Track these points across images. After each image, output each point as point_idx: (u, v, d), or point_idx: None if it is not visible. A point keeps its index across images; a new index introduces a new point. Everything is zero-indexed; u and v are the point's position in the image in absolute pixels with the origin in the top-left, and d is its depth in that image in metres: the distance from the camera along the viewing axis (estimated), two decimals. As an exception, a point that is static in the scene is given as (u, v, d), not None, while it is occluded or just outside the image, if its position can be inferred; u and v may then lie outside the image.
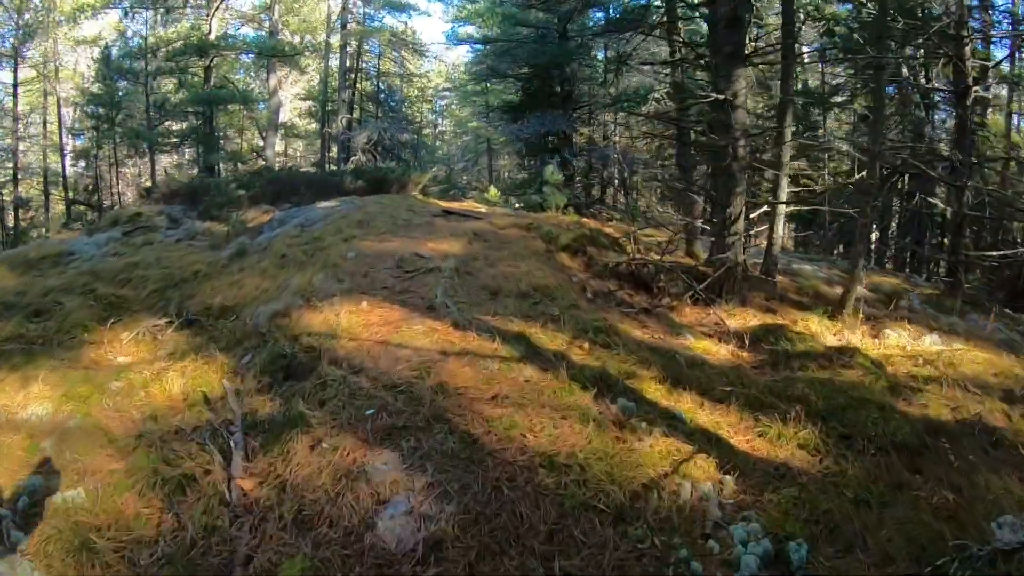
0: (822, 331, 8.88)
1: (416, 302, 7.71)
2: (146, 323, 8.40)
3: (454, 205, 16.73)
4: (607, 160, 29.26)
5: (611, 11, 28.15)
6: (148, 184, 25.99)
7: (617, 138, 31.59)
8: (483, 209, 16.79)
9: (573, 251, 10.72)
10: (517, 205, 18.48)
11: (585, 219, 17.59)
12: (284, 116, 37.82)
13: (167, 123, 27.17)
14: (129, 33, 29.85)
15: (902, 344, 8.46)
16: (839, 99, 24.77)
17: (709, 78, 12.06)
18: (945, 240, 18.86)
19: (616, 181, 31.74)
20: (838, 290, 10.79)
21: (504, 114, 30.26)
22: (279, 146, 38.50)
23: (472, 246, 10.08)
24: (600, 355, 6.84)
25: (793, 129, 11.41)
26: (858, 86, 19.80)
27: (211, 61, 27.27)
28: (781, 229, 11.54)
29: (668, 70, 16.26)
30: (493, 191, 29.70)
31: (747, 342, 8.24)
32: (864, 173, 10.64)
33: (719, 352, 7.92)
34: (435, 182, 41.28)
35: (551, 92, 27.68)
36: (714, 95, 9.70)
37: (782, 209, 11.25)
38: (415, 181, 17.49)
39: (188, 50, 25.64)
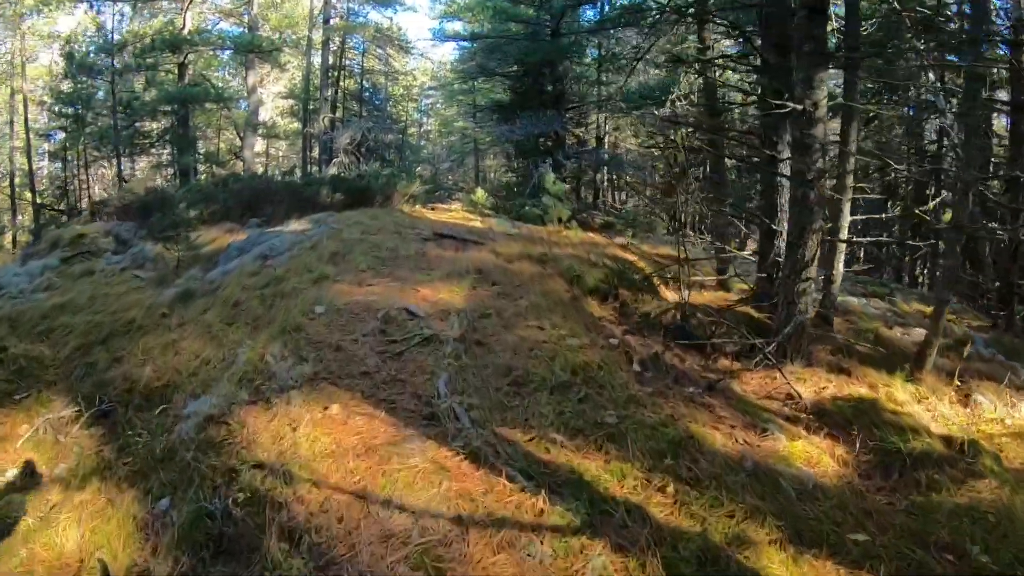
0: (909, 400, 6.67)
1: (409, 404, 5.14)
2: (53, 412, 5.95)
3: (444, 218, 14.23)
4: (600, 163, 26.79)
5: (604, 7, 25.76)
6: (115, 187, 23.29)
7: (612, 139, 29.12)
8: (478, 223, 14.29)
9: (602, 295, 8.24)
10: (514, 225, 15.94)
11: (592, 234, 15.13)
12: (265, 115, 35.04)
13: (139, 123, 24.26)
14: (109, 28, 26.97)
15: (1000, 416, 6.49)
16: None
17: (763, 81, 9.57)
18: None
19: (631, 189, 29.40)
20: (898, 332, 8.87)
21: (493, 114, 27.75)
22: (259, 146, 35.70)
23: (478, 292, 7.55)
24: (690, 503, 4.30)
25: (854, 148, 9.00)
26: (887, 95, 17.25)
27: (185, 58, 24.53)
28: (841, 265, 9.17)
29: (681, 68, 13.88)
30: (480, 193, 27.23)
31: (840, 430, 5.97)
32: (931, 200, 8.22)
33: (820, 460, 5.44)
34: (420, 182, 39.01)
35: (542, 91, 25.24)
36: (791, 104, 7.19)
37: (843, 241, 8.90)
38: (401, 192, 14.90)
39: (159, 46, 22.86)
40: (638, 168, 26.60)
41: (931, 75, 11.95)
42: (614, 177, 29.63)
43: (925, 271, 16.56)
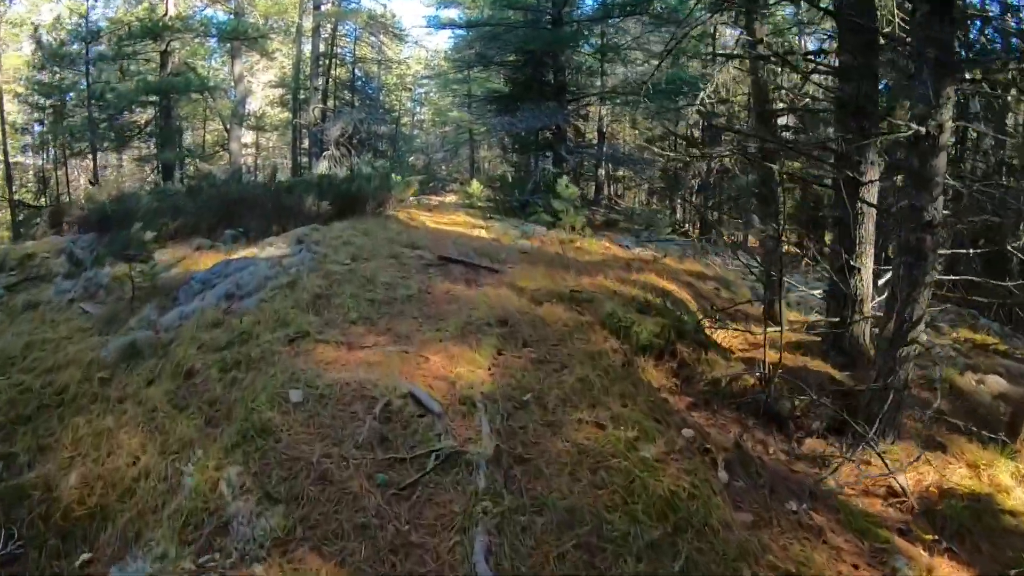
0: (1014, 487, 5.19)
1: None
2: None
3: (445, 224, 12.33)
4: (603, 158, 24.82)
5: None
6: (94, 185, 21.12)
7: (609, 130, 27.11)
8: (483, 231, 12.41)
9: (657, 352, 6.31)
10: (523, 231, 13.97)
11: (608, 242, 13.22)
12: (255, 105, 32.81)
13: (122, 116, 22.02)
14: (94, 16, 24.59)
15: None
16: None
17: (842, 91, 7.63)
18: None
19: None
20: (972, 380, 7.28)
21: (490, 104, 25.72)
22: (249, 138, 33.47)
23: (506, 360, 5.54)
24: None
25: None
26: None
27: (167, 46, 22.31)
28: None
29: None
30: (476, 185, 25.25)
31: (960, 545, 4.46)
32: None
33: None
34: (416, 178, 36.81)
35: (543, 82, 23.24)
36: (911, 127, 5.25)
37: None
38: (397, 196, 12.89)
39: (137, 33, 20.65)
40: (637, 163, 24.50)
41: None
42: (610, 170, 27.61)
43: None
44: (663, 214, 27.19)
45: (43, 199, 24.44)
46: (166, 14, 20.99)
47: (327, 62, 26.48)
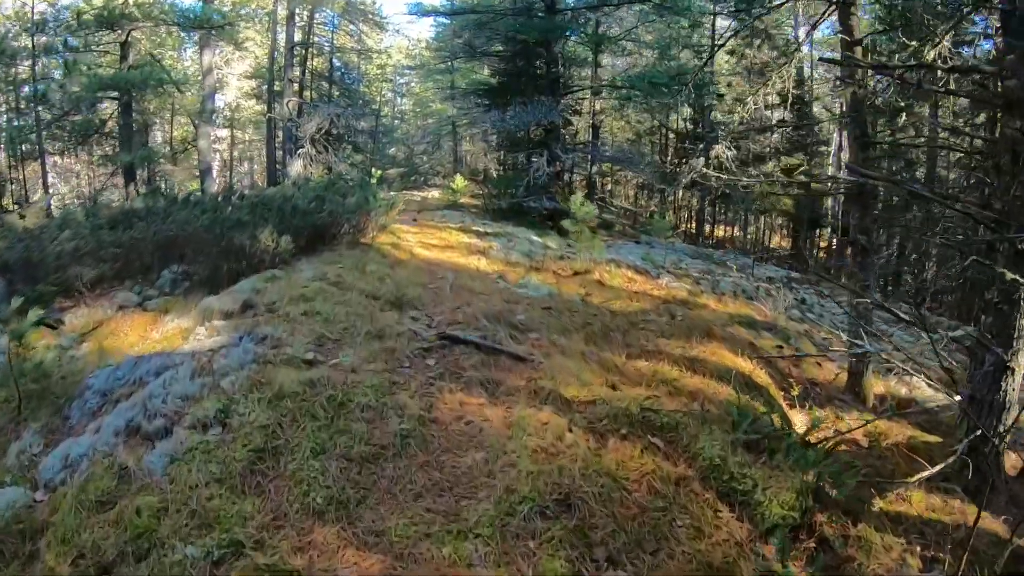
0: None
1: None
2: None
3: (437, 249, 9.75)
4: (598, 156, 22.12)
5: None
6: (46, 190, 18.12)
7: (597, 123, 24.39)
8: (484, 262, 9.80)
9: (791, 531, 3.79)
10: (530, 255, 11.29)
11: (634, 273, 10.64)
12: (229, 97, 29.69)
13: (68, 115, 18.89)
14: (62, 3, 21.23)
15: None
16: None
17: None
18: None
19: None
20: None
21: (478, 98, 22.85)
22: (223, 132, 30.34)
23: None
24: None
25: None
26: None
27: (128, 36, 19.23)
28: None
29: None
30: (460, 181, 22.58)
31: None
32: None
33: None
34: (394, 164, 33.90)
35: (535, 74, 20.46)
36: None
37: None
38: (377, 222, 10.13)
39: (88, 23, 17.55)
40: (634, 161, 21.78)
41: None
42: (600, 166, 24.94)
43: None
44: (660, 214, 24.72)
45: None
46: (124, 1, 17.91)
47: (303, 52, 23.46)
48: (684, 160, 24.39)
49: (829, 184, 8.80)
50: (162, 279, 7.98)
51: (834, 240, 26.65)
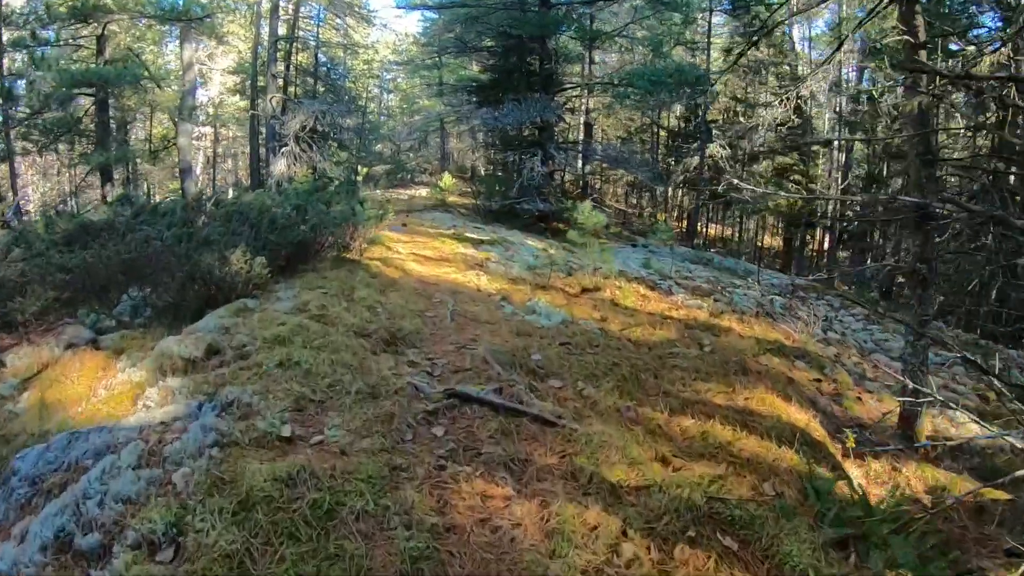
0: None
1: None
2: None
3: (426, 256, 8.63)
4: (591, 155, 21.01)
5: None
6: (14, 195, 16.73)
7: (586, 120, 23.24)
8: (485, 279, 8.72)
9: None
10: (534, 269, 10.14)
11: (647, 289, 9.57)
12: (213, 92, 28.27)
13: (37, 113, 17.44)
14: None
15: None
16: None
17: None
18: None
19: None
20: None
21: (468, 95, 21.67)
22: (207, 128, 28.90)
23: None
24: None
25: None
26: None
27: (104, 29, 17.89)
28: None
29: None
30: (448, 179, 21.48)
31: None
32: None
33: None
34: (380, 161, 32.57)
35: (529, 71, 19.33)
36: None
37: None
38: (364, 235, 8.95)
39: (59, 15, 16.19)
40: (632, 162, 20.65)
41: None
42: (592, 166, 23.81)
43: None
44: (653, 215, 23.74)
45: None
46: (100, -8, 16.55)
47: (288, 47, 22.14)
48: (678, 159, 23.36)
49: (881, 207, 7.71)
50: (121, 305, 6.81)
51: (827, 240, 25.80)
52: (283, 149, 19.10)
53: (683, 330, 7.64)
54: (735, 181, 8.89)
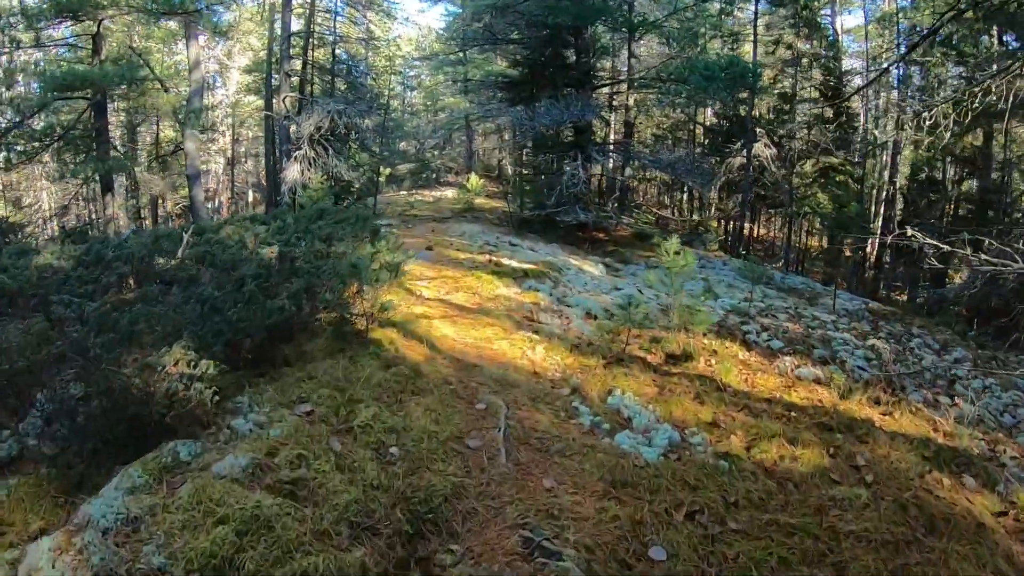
0: None
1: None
2: None
3: (461, 319, 6.20)
4: (632, 157, 18.15)
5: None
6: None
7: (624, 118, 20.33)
8: (542, 354, 6.03)
9: None
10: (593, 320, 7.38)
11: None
12: (231, 91, 25.72)
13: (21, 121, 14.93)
14: None
15: None
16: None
17: None
18: None
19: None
20: None
21: (498, 91, 18.88)
22: (221, 132, 26.35)
23: None
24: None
25: None
26: None
27: (99, 26, 15.34)
28: None
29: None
30: (474, 180, 19.01)
31: None
32: None
33: None
34: (404, 160, 29.78)
35: (565, 64, 16.55)
36: None
37: None
38: (373, 296, 6.13)
39: (40, 12, 13.66)
40: (670, 165, 17.65)
41: None
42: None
43: None
44: (692, 216, 20.92)
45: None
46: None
47: (304, 42, 19.39)
48: (720, 158, 20.41)
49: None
50: (31, 417, 4.24)
51: (873, 245, 22.85)
52: (296, 154, 16.46)
53: (821, 435, 4.97)
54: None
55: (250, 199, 27.82)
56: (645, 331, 7.03)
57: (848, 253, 22.27)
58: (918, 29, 20.09)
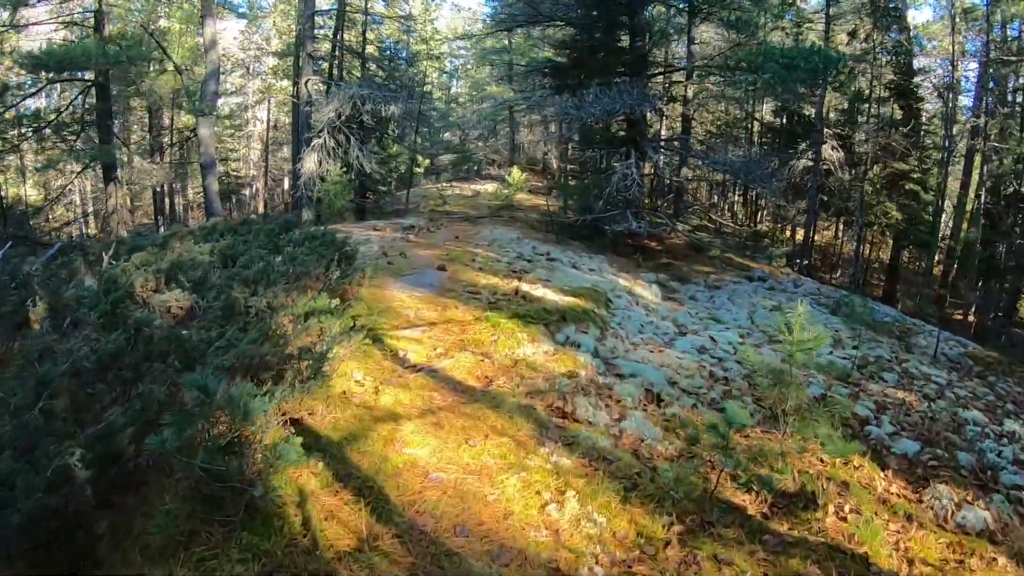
0: None
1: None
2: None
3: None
4: (690, 155, 15.12)
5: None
6: None
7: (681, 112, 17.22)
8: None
9: None
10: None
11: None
12: (261, 75, 23.39)
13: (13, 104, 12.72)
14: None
15: None
16: None
17: None
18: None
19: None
20: None
21: (544, 78, 16.02)
22: (260, 114, 24.06)
23: None
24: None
25: None
26: None
27: (100, 3, 13.07)
28: None
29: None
30: (516, 173, 16.37)
31: None
32: None
33: None
34: (447, 150, 27.18)
35: (617, 49, 13.64)
36: None
37: None
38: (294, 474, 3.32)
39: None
40: (741, 169, 14.38)
41: None
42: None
43: None
44: (772, 236, 17.65)
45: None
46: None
47: (337, 23, 16.76)
48: (782, 160, 17.13)
49: None
50: None
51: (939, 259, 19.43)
52: (314, 143, 13.93)
53: None
54: None
55: (285, 186, 25.56)
56: (737, 433, 4.25)
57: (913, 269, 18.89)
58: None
